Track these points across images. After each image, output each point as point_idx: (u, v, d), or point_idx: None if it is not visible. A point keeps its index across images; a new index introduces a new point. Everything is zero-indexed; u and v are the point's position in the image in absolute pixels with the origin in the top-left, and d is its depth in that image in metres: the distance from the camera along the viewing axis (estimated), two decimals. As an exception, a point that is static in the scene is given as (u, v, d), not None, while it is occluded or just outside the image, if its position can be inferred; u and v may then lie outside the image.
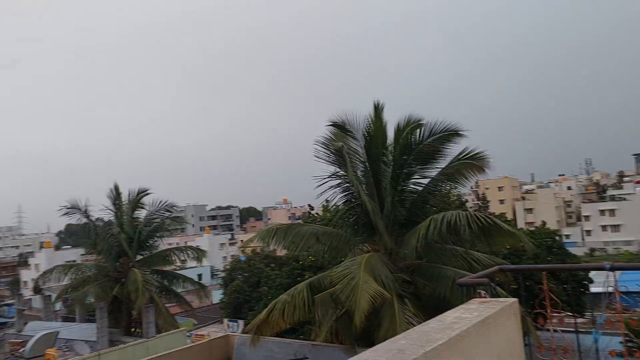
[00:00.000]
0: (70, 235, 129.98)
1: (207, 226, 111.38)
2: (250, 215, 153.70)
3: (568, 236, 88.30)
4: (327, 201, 15.02)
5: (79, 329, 24.63)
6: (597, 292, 23.15)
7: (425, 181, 13.94)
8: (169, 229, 26.36)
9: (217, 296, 47.74)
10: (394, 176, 13.32)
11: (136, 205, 25.70)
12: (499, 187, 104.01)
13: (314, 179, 13.30)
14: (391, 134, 13.85)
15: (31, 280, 62.26)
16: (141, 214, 25.98)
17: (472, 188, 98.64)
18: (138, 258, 25.11)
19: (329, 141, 13.37)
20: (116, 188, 25.53)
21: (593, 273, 26.87)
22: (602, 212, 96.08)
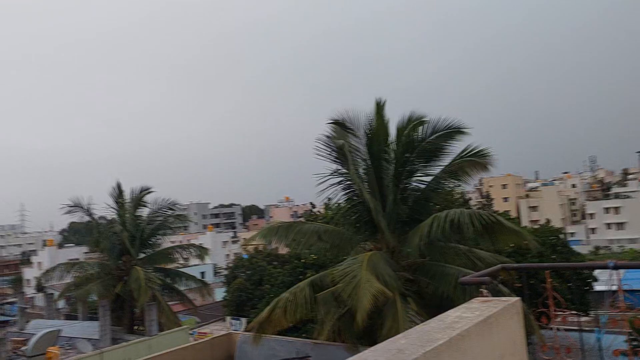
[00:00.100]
0: (74, 234, 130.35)
1: (209, 224, 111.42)
2: (252, 213, 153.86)
3: (572, 234, 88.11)
4: (329, 199, 14.96)
5: (81, 327, 24.65)
6: (602, 291, 23.05)
7: (428, 179, 13.86)
8: (171, 226, 26.36)
9: (220, 294, 47.82)
10: (396, 174, 13.25)
11: (139, 203, 25.72)
12: (502, 185, 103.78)
13: (315, 177, 13.29)
14: (393, 131, 13.78)
15: (34, 279, 62.58)
16: (144, 212, 26.02)
17: (475, 186, 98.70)
18: (141, 256, 25.14)
19: (330, 139, 13.31)
20: (118, 186, 25.55)
21: (598, 271, 26.75)
22: (606, 210, 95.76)
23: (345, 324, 12.93)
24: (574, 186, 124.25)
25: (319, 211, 39.89)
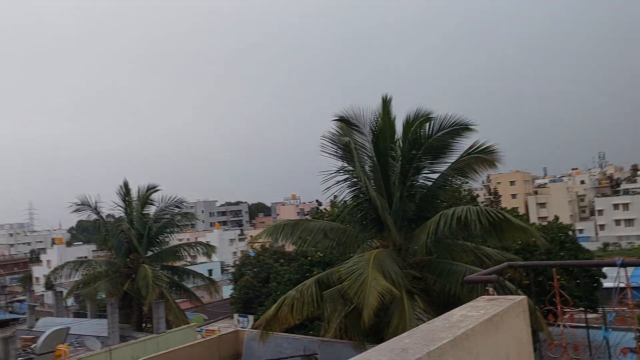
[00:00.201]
0: (82, 232, 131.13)
1: (216, 222, 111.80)
2: (259, 211, 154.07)
3: (581, 231, 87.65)
4: (335, 197, 14.91)
5: (90, 324, 24.81)
6: (610, 288, 22.90)
7: (435, 176, 13.79)
8: (178, 224, 26.45)
9: (227, 291, 47.97)
10: (403, 171, 13.18)
11: (146, 201, 25.83)
12: (510, 182, 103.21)
13: (321, 175, 13.24)
14: (399, 128, 13.71)
15: (43, 277, 62.98)
16: (151, 210, 26.13)
17: (483, 183, 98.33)
18: (148, 254, 25.25)
19: (336, 136, 13.27)
20: (125, 185, 25.65)
21: (606, 267, 26.58)
22: (615, 206, 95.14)
23: (352, 322, 12.91)
24: (582, 182, 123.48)
25: (325, 209, 39.87)
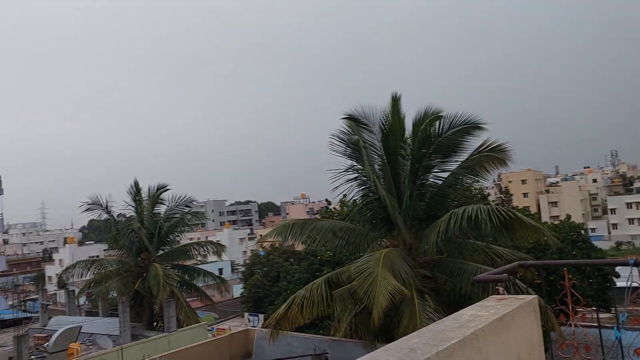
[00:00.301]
0: (93, 231, 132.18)
1: (226, 221, 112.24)
2: (268, 210, 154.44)
3: (594, 230, 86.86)
4: (344, 196, 14.86)
5: (101, 323, 24.97)
6: (623, 287, 22.67)
7: (445, 174, 13.71)
8: (188, 224, 26.56)
9: (238, 290, 48.11)
10: (413, 170, 13.11)
11: (156, 200, 25.96)
12: (522, 180, 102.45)
13: (330, 174, 13.19)
14: (409, 126, 13.63)
15: (55, 276, 63.53)
16: (161, 210, 26.25)
17: (494, 181, 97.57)
18: (159, 253, 25.38)
19: (345, 134, 13.22)
20: (136, 184, 25.79)
21: (619, 267, 26.32)
22: (628, 205, 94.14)
23: (362, 321, 12.87)
24: (595, 181, 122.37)
25: (334, 208, 39.81)
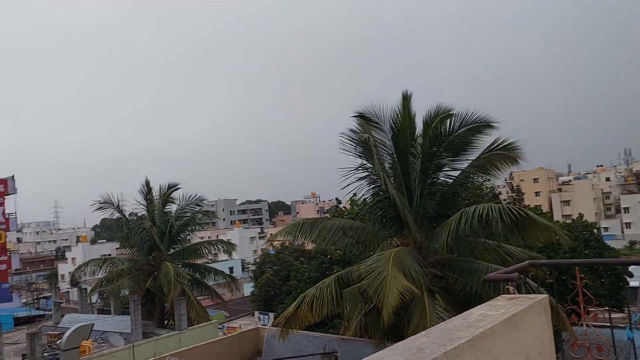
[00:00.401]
0: (106, 230, 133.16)
1: (237, 220, 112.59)
2: (279, 210, 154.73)
3: (607, 229, 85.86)
4: (354, 194, 14.83)
5: (113, 321, 25.18)
6: (636, 287, 22.42)
7: (456, 173, 13.64)
8: (199, 222, 26.68)
9: (248, 289, 48.31)
10: (423, 168, 13.05)
11: (167, 199, 26.11)
12: (534, 179, 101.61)
13: (340, 172, 13.15)
14: (420, 125, 13.57)
15: (68, 274, 64.17)
16: (172, 209, 26.41)
17: (506, 180, 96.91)
18: (170, 252, 25.52)
19: (355, 133, 13.18)
20: (147, 183, 25.96)
21: (633, 266, 26.05)
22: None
23: (372, 320, 12.85)
24: (608, 180, 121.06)
25: (344, 207, 39.79)
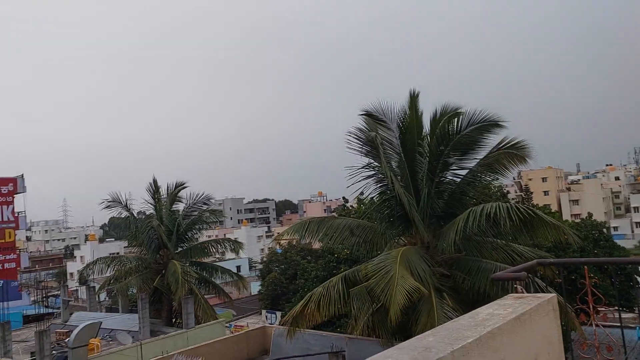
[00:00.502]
0: (114, 228, 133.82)
1: (244, 219, 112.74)
2: (286, 209, 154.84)
3: (616, 228, 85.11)
4: (361, 193, 14.79)
5: (121, 319, 25.27)
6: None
7: (464, 172, 13.57)
8: (207, 221, 26.74)
9: (255, 288, 48.35)
10: (431, 167, 13.00)
11: (174, 198, 26.19)
12: (542, 178, 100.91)
13: (346, 171, 13.11)
14: (427, 123, 13.50)
15: (77, 272, 64.51)
16: (179, 207, 26.48)
17: (514, 179, 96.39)
18: (178, 250, 25.59)
19: (362, 131, 13.13)
20: (155, 182, 26.03)
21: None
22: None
23: (379, 320, 12.81)
24: (617, 179, 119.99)
25: (351, 206, 39.75)
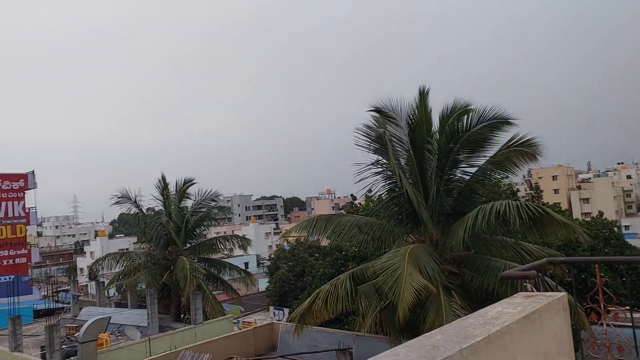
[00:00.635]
0: (123, 224, 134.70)
1: (252, 216, 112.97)
2: (294, 206, 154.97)
3: (627, 227, 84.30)
4: (369, 191, 14.71)
5: (130, 314, 25.43)
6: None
7: (473, 170, 13.46)
8: (215, 218, 26.80)
9: (263, 284, 48.47)
10: (440, 164, 12.91)
11: (183, 195, 26.28)
12: (553, 176, 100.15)
13: (355, 168, 13.04)
14: (437, 120, 13.40)
15: (86, 267, 65.00)
16: (188, 204, 26.57)
17: (524, 177, 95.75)
18: (186, 246, 25.68)
19: (370, 128, 13.06)
20: (163, 179, 26.15)
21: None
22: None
23: (387, 317, 12.77)
24: (629, 177, 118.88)
25: (360, 203, 39.68)
